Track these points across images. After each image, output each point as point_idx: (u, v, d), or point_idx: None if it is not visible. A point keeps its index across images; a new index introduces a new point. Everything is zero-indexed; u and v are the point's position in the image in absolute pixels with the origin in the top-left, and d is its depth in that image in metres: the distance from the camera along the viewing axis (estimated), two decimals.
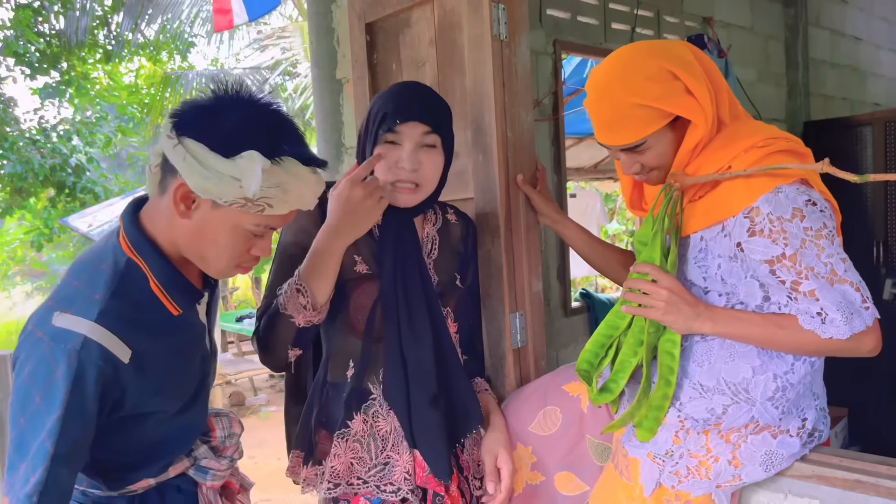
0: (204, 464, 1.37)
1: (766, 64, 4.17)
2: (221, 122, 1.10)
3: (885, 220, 3.96)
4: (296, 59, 11.52)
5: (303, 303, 1.41)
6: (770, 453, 1.35)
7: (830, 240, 1.25)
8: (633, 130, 1.33)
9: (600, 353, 1.43)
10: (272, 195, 1.11)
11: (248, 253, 1.20)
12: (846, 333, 1.21)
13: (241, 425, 1.48)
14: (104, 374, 1.07)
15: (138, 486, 1.29)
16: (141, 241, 1.17)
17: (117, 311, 1.10)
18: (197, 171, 1.08)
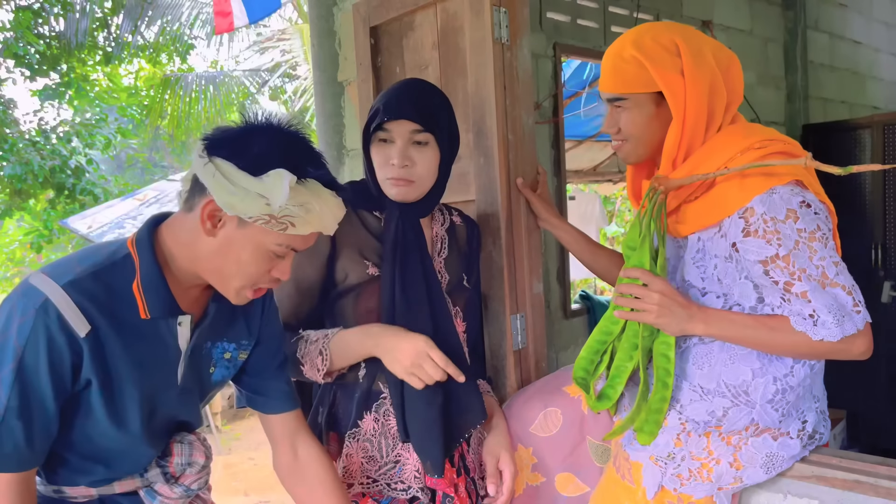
0: (155, 488, 1.33)
1: (765, 67, 4.18)
2: (251, 144, 1.15)
3: (883, 223, 3.97)
4: (295, 62, 11.53)
5: (318, 366, 1.46)
6: (771, 455, 1.36)
7: (824, 242, 1.26)
8: (621, 81, 1.39)
9: (595, 359, 1.44)
10: (296, 214, 1.14)
11: (269, 274, 1.22)
12: (837, 336, 1.22)
13: (207, 455, 1.39)
14: (56, 338, 1.10)
15: (76, 491, 1.26)
16: (145, 241, 1.20)
17: (89, 287, 1.14)
18: (225, 187, 1.12)
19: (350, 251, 1.51)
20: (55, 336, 1.10)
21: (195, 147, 1.17)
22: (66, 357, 1.12)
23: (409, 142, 1.47)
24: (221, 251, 1.18)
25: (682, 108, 1.35)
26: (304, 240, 1.21)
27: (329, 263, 1.51)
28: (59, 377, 1.12)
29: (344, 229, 1.49)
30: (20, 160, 9.16)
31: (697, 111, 1.35)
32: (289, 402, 1.42)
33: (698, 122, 1.36)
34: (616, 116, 1.44)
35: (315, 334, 1.50)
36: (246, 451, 5.87)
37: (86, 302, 1.12)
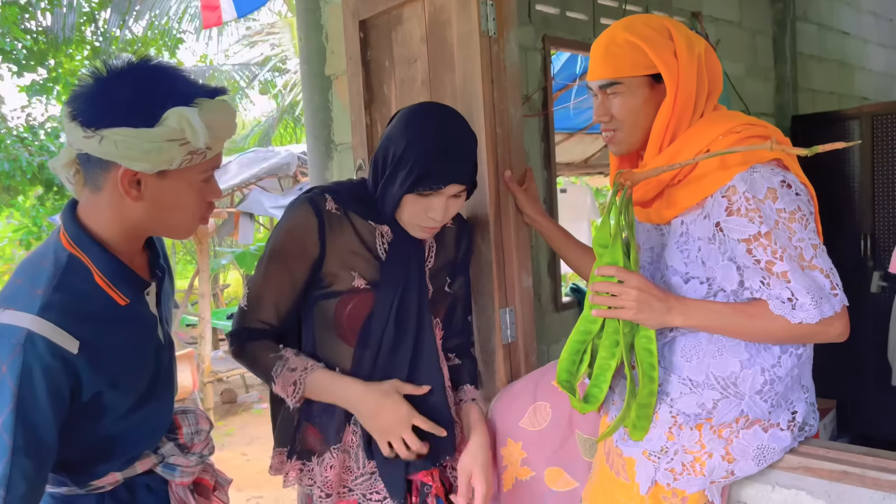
0: (172, 461, 1.38)
1: (754, 58, 4.18)
2: (130, 100, 1.10)
3: (872, 213, 3.98)
4: (285, 56, 11.49)
5: (289, 393, 1.47)
6: (762, 447, 1.36)
7: (803, 224, 1.26)
8: (614, 66, 1.40)
9: (576, 359, 1.42)
10: (207, 137, 1.13)
11: (205, 202, 1.23)
12: (815, 318, 1.23)
13: (210, 422, 1.49)
14: (51, 366, 1.08)
15: (104, 480, 1.29)
16: (81, 236, 1.18)
17: (60, 303, 1.11)
18: (134, 152, 1.09)
19: (339, 257, 1.48)
20: (50, 364, 1.08)
21: (67, 127, 1.12)
22: (63, 383, 1.11)
23: (451, 195, 1.45)
24: (156, 208, 1.17)
25: (676, 89, 1.36)
26: (220, 155, 1.22)
27: (316, 265, 1.48)
28: (60, 403, 1.11)
29: (335, 233, 1.47)
30: (8, 156, 9.09)
31: (688, 92, 1.37)
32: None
33: (687, 103, 1.37)
34: (608, 104, 1.44)
35: (294, 361, 1.48)
36: (239, 447, 5.86)
37: (65, 319, 1.11)
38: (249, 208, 6.78)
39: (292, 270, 1.48)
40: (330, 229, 1.46)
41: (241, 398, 7.44)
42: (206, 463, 1.49)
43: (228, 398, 7.38)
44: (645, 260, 1.52)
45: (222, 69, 12.64)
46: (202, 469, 1.46)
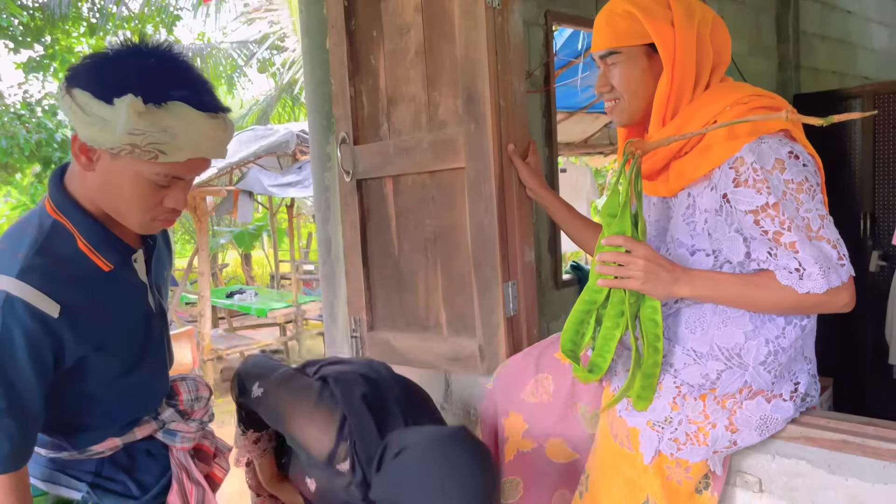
0: (172, 427, 1.40)
1: (757, 37, 4.16)
2: (107, 70, 1.10)
3: (872, 193, 3.98)
4: (284, 33, 11.39)
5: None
6: (765, 418, 1.37)
7: (811, 195, 1.26)
8: (613, 35, 1.40)
9: (581, 329, 1.42)
10: (161, 140, 1.09)
11: (161, 205, 1.20)
12: (823, 287, 1.23)
13: (209, 388, 1.51)
14: (31, 328, 1.09)
15: (103, 446, 1.31)
16: (65, 202, 1.19)
17: (41, 267, 1.12)
18: (82, 119, 1.09)
19: None
20: (30, 326, 1.09)
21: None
22: (45, 344, 1.11)
23: None
24: (105, 185, 1.16)
25: (672, 59, 1.36)
26: (186, 167, 1.16)
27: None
28: (42, 366, 1.12)
29: None
30: (5, 134, 9.04)
31: (686, 63, 1.36)
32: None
33: (686, 74, 1.37)
34: (609, 74, 1.45)
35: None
36: None
37: (45, 283, 1.11)
38: (248, 186, 6.76)
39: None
40: None
41: None
42: (207, 430, 1.51)
43: (228, 376, 7.40)
44: (651, 233, 1.52)
45: (220, 47, 12.55)
46: (202, 435, 1.49)
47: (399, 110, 1.99)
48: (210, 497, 1.46)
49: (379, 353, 2.09)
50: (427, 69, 1.89)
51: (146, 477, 1.38)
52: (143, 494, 1.37)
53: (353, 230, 2.13)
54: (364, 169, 2.06)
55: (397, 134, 2.00)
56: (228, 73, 12.69)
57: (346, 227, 2.14)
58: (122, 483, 1.35)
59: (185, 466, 1.42)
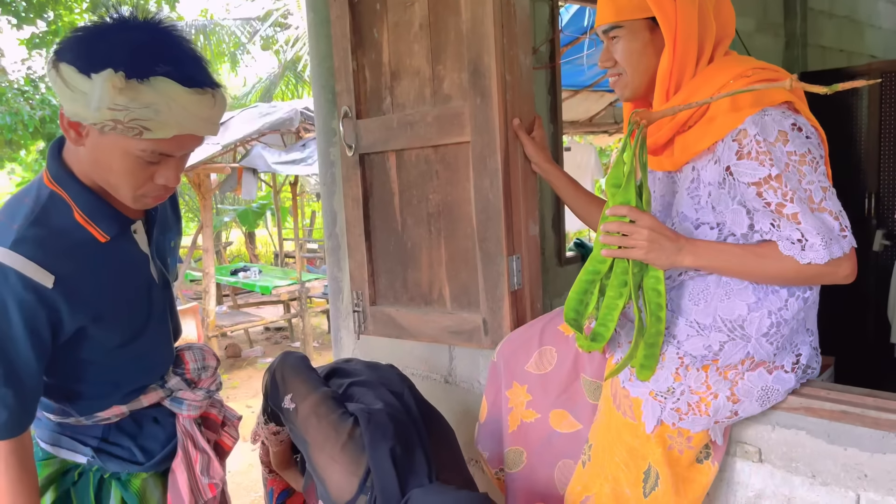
0: (179, 395, 1.43)
1: (764, 14, 4.13)
2: (92, 44, 1.09)
3: (877, 172, 3.96)
4: (287, 10, 11.32)
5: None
6: (766, 389, 1.39)
7: (813, 167, 1.27)
8: (615, 9, 1.41)
9: (584, 298, 1.43)
10: (145, 117, 1.08)
11: (152, 181, 1.19)
12: (825, 258, 1.24)
13: (216, 358, 1.52)
14: (24, 298, 1.10)
15: (109, 413, 1.33)
16: (61, 173, 1.19)
17: (36, 237, 1.12)
18: (66, 94, 1.08)
19: None
20: (23, 297, 1.10)
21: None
22: (40, 314, 1.12)
23: None
24: (96, 160, 1.16)
25: (673, 32, 1.36)
26: (173, 143, 1.15)
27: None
28: (37, 335, 1.13)
29: None
30: (9, 110, 9.03)
31: (687, 36, 1.36)
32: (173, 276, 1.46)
33: (688, 48, 1.37)
34: (612, 48, 1.45)
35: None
36: (244, 400, 5.95)
37: (39, 254, 1.11)
38: (252, 164, 6.76)
39: None
40: None
41: (246, 353, 7.52)
42: (215, 399, 1.52)
43: (233, 353, 7.46)
44: (656, 208, 1.53)
45: (223, 24, 12.48)
46: (210, 404, 1.50)
47: (403, 84, 1.98)
48: (216, 465, 1.47)
49: (382, 327, 2.11)
50: (431, 43, 1.89)
51: (151, 444, 1.40)
52: (147, 460, 1.40)
53: (355, 205, 2.13)
54: (367, 143, 2.06)
55: (401, 108, 1.99)
56: (231, 50, 12.63)
57: (349, 202, 2.15)
58: (127, 449, 1.37)
59: (190, 434, 1.44)
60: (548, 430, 1.69)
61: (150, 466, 1.40)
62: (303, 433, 1.52)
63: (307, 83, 11.30)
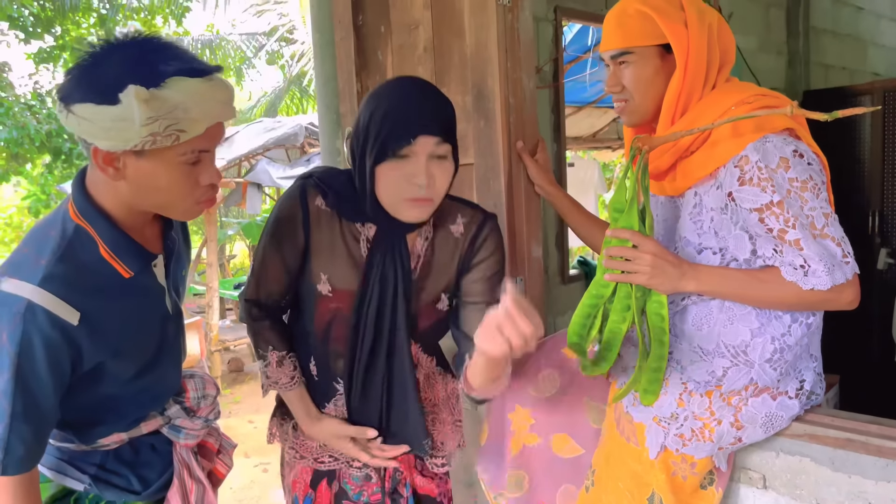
0: (177, 423, 1.41)
1: (767, 32, 4.14)
2: (97, 74, 1.09)
3: (881, 191, 3.96)
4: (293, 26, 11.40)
5: (266, 383, 1.50)
6: (770, 415, 1.38)
7: (815, 193, 1.27)
8: (625, 35, 1.41)
9: (587, 323, 1.43)
10: (177, 119, 1.09)
11: (199, 185, 1.19)
12: (827, 284, 1.24)
13: (217, 387, 1.51)
14: (51, 336, 1.10)
15: (109, 440, 1.33)
16: (88, 208, 1.18)
17: (63, 274, 1.12)
18: (97, 130, 1.08)
19: (320, 257, 1.40)
20: (49, 334, 1.10)
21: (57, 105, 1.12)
22: (63, 353, 1.12)
23: (432, 156, 1.29)
24: (142, 187, 1.16)
25: (685, 60, 1.37)
26: (207, 137, 1.15)
27: (305, 256, 1.41)
28: (59, 373, 1.13)
29: (321, 230, 1.40)
30: (16, 124, 9.09)
31: (698, 63, 1.38)
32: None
33: (698, 75, 1.38)
34: (619, 74, 1.45)
35: (271, 370, 1.48)
36: (246, 415, 5.94)
37: (66, 291, 1.11)
38: (257, 178, 6.79)
39: (285, 253, 1.42)
40: (316, 224, 1.39)
41: (248, 367, 7.52)
42: (212, 427, 1.51)
43: (235, 367, 7.46)
44: (659, 233, 1.53)
45: (229, 38, 12.56)
46: (207, 433, 1.49)
47: None
48: (210, 496, 1.46)
49: None
50: (435, 66, 1.90)
51: (148, 472, 1.39)
52: (144, 489, 1.38)
53: None
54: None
55: None
56: (237, 64, 12.71)
57: None
58: (124, 477, 1.36)
59: (186, 463, 1.43)
60: (549, 455, 1.68)
61: (147, 496, 1.38)
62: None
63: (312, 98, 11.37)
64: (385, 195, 1.32)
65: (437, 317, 1.47)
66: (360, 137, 1.33)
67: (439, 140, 1.29)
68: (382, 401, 1.45)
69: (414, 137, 1.26)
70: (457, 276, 1.46)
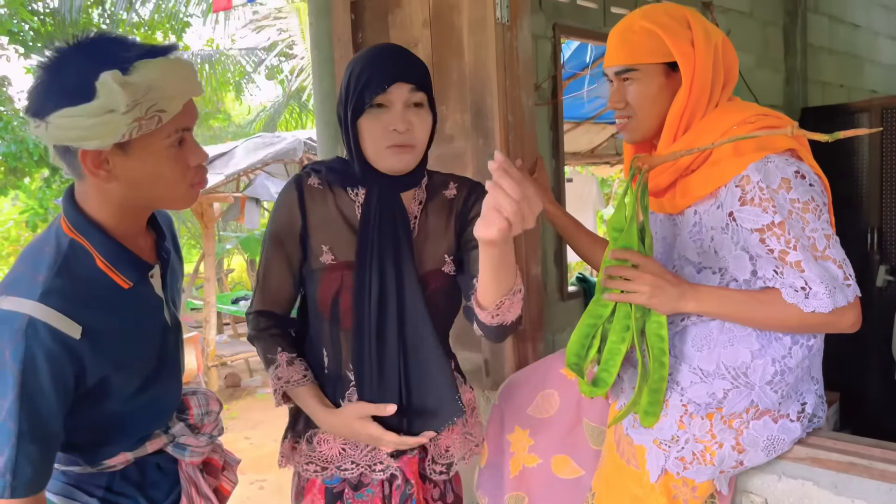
0: (182, 441, 1.40)
1: (764, 50, 4.16)
2: (63, 80, 1.08)
3: (879, 208, 3.97)
4: (292, 41, 11.45)
5: (277, 385, 1.46)
6: (772, 438, 1.37)
7: (817, 214, 1.26)
8: (630, 52, 1.40)
9: (586, 343, 1.42)
10: (156, 99, 1.09)
11: (189, 167, 1.19)
12: (828, 307, 1.23)
13: (220, 402, 1.49)
14: (54, 352, 1.08)
15: (116, 460, 1.31)
16: (80, 220, 1.18)
17: (62, 289, 1.11)
18: (79, 131, 1.07)
19: (318, 231, 1.43)
20: (52, 350, 1.08)
21: (29, 123, 1.11)
22: (67, 368, 1.11)
23: (408, 104, 1.36)
24: (135, 183, 1.15)
25: (691, 78, 1.37)
26: (186, 113, 1.16)
27: (303, 238, 1.44)
28: (64, 389, 1.12)
29: (316, 204, 1.43)
30: (15, 138, 9.10)
31: (703, 82, 1.37)
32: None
33: (703, 93, 1.38)
34: (623, 90, 1.45)
35: (282, 371, 1.45)
36: (242, 431, 5.89)
37: (66, 305, 1.10)
38: (255, 193, 6.79)
39: (286, 248, 1.45)
40: (311, 201, 1.43)
41: (245, 382, 7.48)
42: (216, 443, 1.51)
43: (232, 382, 7.42)
44: (657, 250, 1.52)
45: (229, 53, 12.61)
46: (211, 449, 1.48)
47: None
48: None
49: None
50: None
51: (156, 492, 1.38)
52: None
53: None
54: None
55: None
56: (237, 79, 12.75)
57: None
58: (132, 498, 1.35)
59: (194, 481, 1.42)
60: (549, 476, 1.67)
61: None
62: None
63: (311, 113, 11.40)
64: (369, 147, 1.37)
65: (445, 282, 1.45)
66: (341, 98, 1.39)
67: (413, 87, 1.35)
68: (400, 372, 1.41)
69: (388, 84, 1.32)
70: (457, 238, 1.48)
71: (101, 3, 10.42)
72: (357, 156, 1.40)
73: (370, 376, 1.41)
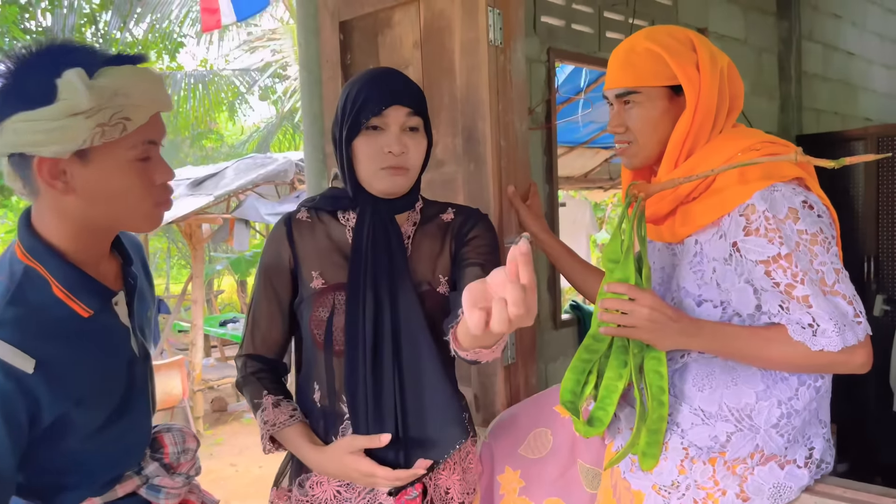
0: (157, 482, 1.31)
1: (758, 77, 4.15)
2: (21, 83, 1.03)
3: (875, 236, 3.93)
4: (286, 62, 11.47)
5: (264, 430, 1.41)
6: (778, 486, 1.29)
7: (825, 247, 1.20)
8: (633, 74, 1.35)
9: (581, 379, 1.35)
10: (122, 105, 1.03)
11: (154, 184, 1.12)
12: (838, 346, 1.16)
13: (197, 440, 1.41)
14: (4, 388, 1.01)
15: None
16: (36, 245, 1.10)
17: (14, 319, 1.04)
18: (37, 135, 1.01)
19: (308, 261, 1.41)
20: (3, 386, 1.01)
21: None
22: (19, 405, 1.03)
23: (403, 128, 1.35)
24: (94, 197, 1.08)
25: (696, 103, 1.31)
26: (153, 125, 1.10)
27: (294, 274, 1.43)
28: (16, 427, 1.03)
29: (304, 237, 1.42)
30: None
31: (708, 107, 1.32)
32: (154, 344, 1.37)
33: (707, 119, 1.32)
34: (624, 114, 1.38)
35: (268, 414, 1.40)
36: (228, 457, 5.77)
37: (18, 337, 1.03)
38: (245, 215, 6.72)
39: (276, 286, 1.43)
40: (299, 234, 1.42)
41: (232, 407, 7.36)
42: (193, 483, 1.42)
43: (219, 406, 7.29)
44: (655, 281, 1.46)
45: (222, 74, 12.62)
46: (188, 490, 1.40)
47: None
48: None
49: None
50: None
51: None
52: None
53: None
54: None
55: None
56: (230, 99, 12.75)
57: None
58: None
59: None
60: None
61: None
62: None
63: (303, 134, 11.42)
64: (363, 169, 1.37)
65: (441, 302, 1.41)
66: (337, 119, 1.39)
67: (410, 112, 1.35)
68: (395, 397, 1.34)
69: (385, 107, 1.32)
70: (452, 257, 1.45)
71: (94, 22, 10.42)
72: (350, 177, 1.39)
73: (365, 403, 1.34)
